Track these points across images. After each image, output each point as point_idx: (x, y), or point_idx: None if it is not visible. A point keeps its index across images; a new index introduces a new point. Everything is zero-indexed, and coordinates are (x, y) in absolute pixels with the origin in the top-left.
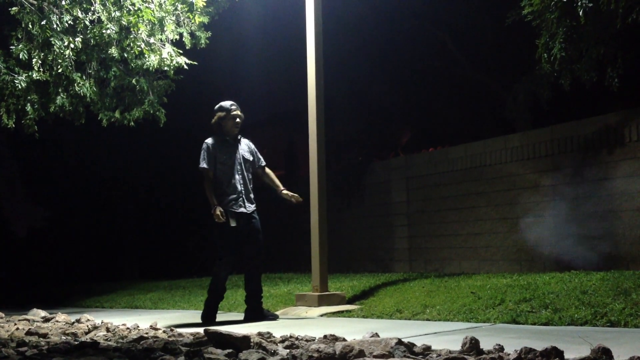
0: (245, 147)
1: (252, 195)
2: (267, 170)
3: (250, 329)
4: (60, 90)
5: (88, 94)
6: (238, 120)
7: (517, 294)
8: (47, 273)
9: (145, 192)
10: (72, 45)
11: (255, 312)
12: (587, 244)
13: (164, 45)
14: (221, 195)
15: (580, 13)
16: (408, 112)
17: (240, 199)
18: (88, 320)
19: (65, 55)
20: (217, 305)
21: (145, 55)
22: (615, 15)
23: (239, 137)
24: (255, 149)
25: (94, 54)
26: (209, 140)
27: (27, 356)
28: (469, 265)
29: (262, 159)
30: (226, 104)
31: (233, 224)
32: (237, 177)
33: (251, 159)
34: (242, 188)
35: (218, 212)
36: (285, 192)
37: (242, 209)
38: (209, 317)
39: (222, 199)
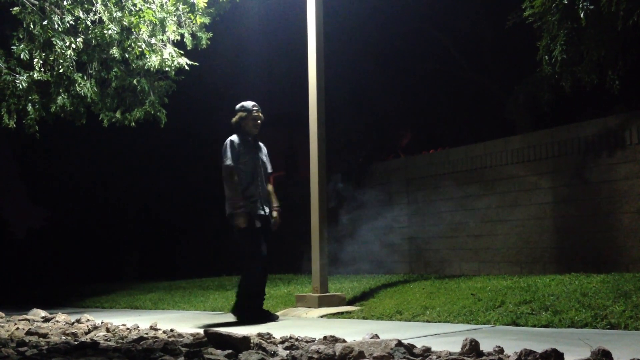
0: (263, 150)
1: (268, 198)
2: (270, 186)
3: (250, 330)
4: (61, 90)
5: (89, 95)
6: (259, 121)
7: (518, 296)
8: (47, 273)
9: (145, 192)
10: (73, 46)
11: (255, 313)
12: (587, 246)
13: (165, 45)
14: (248, 198)
15: (581, 15)
16: (409, 114)
17: (259, 201)
18: (88, 320)
19: (66, 55)
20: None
21: (147, 56)
22: (616, 18)
23: (257, 141)
24: (267, 154)
25: (95, 54)
26: (234, 138)
27: (27, 356)
28: (469, 267)
29: (270, 167)
30: (248, 104)
31: (259, 224)
32: (258, 178)
33: (266, 162)
34: (262, 190)
35: (243, 218)
36: (275, 214)
37: (261, 211)
38: (260, 315)
39: (242, 200)
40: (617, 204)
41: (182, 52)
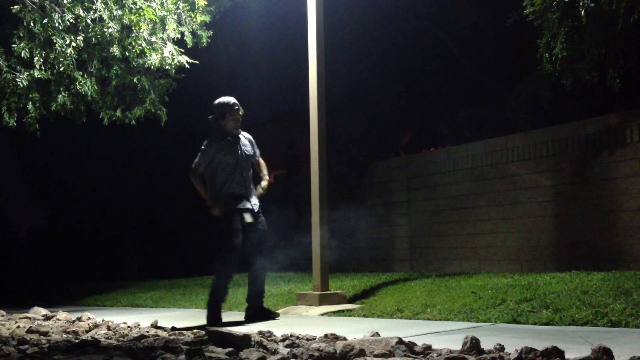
0: (246, 141)
1: (255, 192)
2: (261, 161)
3: (251, 328)
4: (61, 88)
5: (89, 93)
6: (238, 121)
7: (518, 293)
8: (48, 272)
9: (146, 191)
10: (73, 44)
11: (256, 311)
12: (588, 244)
13: (166, 44)
14: (227, 196)
15: (582, 13)
16: (409, 112)
17: (245, 197)
18: (89, 318)
19: (66, 53)
20: (221, 307)
21: (147, 54)
22: (617, 16)
23: (239, 135)
24: (254, 141)
25: (95, 52)
26: (209, 142)
27: (28, 354)
28: (470, 265)
29: (258, 152)
30: (226, 102)
31: (249, 219)
32: (243, 174)
33: (252, 152)
34: (246, 185)
35: (215, 207)
36: (263, 183)
37: (248, 205)
38: (215, 320)
39: (228, 199)
40: (617, 202)
41: (182, 50)
